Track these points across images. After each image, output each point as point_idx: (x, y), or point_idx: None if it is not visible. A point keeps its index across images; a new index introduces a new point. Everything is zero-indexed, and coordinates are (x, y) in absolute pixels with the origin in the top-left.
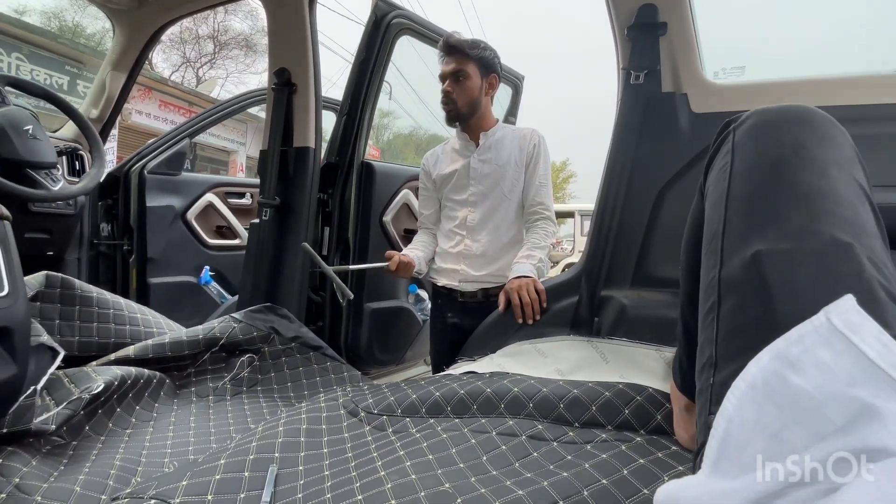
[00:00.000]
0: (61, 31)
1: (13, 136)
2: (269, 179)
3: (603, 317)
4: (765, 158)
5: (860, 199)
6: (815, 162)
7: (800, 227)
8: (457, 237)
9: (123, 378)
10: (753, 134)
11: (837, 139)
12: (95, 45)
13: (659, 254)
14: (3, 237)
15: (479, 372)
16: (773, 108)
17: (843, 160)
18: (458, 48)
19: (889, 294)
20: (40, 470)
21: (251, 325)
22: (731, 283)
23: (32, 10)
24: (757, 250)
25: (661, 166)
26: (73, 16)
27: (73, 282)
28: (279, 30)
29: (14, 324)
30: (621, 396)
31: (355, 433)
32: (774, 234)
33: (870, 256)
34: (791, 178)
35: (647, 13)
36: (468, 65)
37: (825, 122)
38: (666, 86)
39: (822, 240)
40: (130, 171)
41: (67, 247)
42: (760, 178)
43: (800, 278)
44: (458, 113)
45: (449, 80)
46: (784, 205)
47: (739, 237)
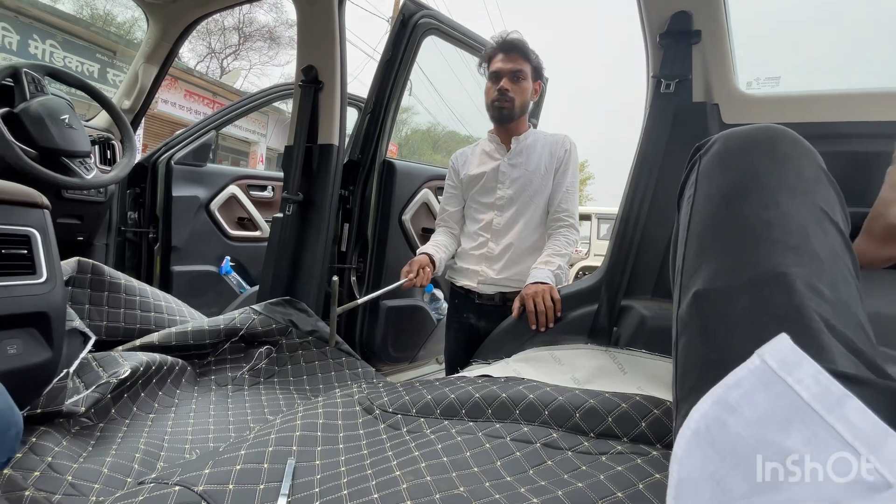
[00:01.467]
0: (93, 19)
1: (50, 125)
2: (294, 175)
3: (622, 327)
4: (719, 191)
5: (817, 223)
6: (765, 191)
7: (738, 261)
8: (480, 239)
9: (148, 364)
10: (715, 162)
11: (798, 162)
12: (125, 34)
13: None
14: (43, 226)
15: (493, 376)
16: (736, 133)
17: (801, 184)
18: (519, 47)
19: (824, 320)
20: (70, 450)
21: (270, 318)
22: (682, 322)
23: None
24: (697, 290)
25: None
26: (104, 4)
27: (102, 268)
28: (308, 28)
29: (51, 309)
30: (638, 409)
31: (370, 430)
32: (715, 270)
33: (809, 282)
34: (738, 211)
35: (681, 21)
36: (526, 66)
37: (787, 144)
38: (697, 95)
39: (756, 271)
40: (158, 161)
41: (97, 233)
42: (713, 213)
43: (732, 315)
44: (512, 111)
45: (507, 77)
46: (728, 239)
47: (689, 274)
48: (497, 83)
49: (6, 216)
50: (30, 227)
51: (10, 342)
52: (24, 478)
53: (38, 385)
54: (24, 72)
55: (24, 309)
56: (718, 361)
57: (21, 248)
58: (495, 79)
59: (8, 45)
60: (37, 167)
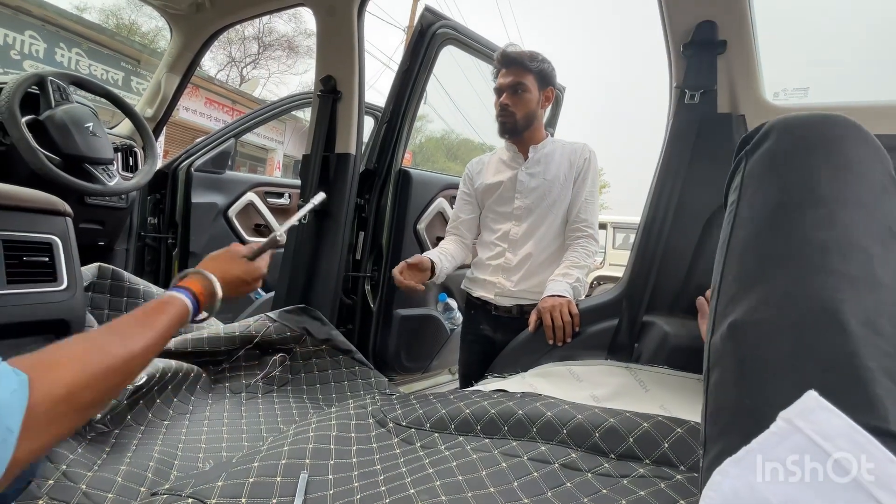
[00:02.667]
0: (118, 28)
1: (75, 133)
2: (311, 184)
3: (643, 343)
4: (767, 203)
5: (881, 242)
6: (823, 205)
7: (785, 291)
8: (497, 249)
9: (164, 371)
10: (764, 165)
11: (862, 164)
12: (149, 44)
13: (707, 280)
14: (64, 233)
15: (509, 391)
16: (791, 126)
17: (864, 194)
18: (517, 60)
19: (882, 366)
20: (85, 458)
21: (285, 325)
22: (715, 353)
23: (92, 8)
24: (734, 320)
25: (713, 190)
26: (129, 14)
27: (122, 274)
28: (328, 38)
29: (71, 316)
30: (661, 429)
31: (383, 444)
32: (756, 300)
33: (868, 319)
34: (789, 230)
35: (706, 30)
36: (527, 77)
37: (849, 144)
38: (722, 106)
39: (805, 307)
40: (178, 168)
41: (118, 238)
42: (758, 229)
43: (773, 357)
44: (514, 125)
45: (507, 92)
46: (774, 264)
47: (728, 300)
48: (499, 98)
49: (29, 224)
50: (52, 235)
51: (31, 349)
52: (39, 486)
53: None
54: (50, 80)
55: (45, 316)
56: (752, 410)
57: (43, 255)
58: (498, 94)
59: (35, 53)
60: (60, 174)
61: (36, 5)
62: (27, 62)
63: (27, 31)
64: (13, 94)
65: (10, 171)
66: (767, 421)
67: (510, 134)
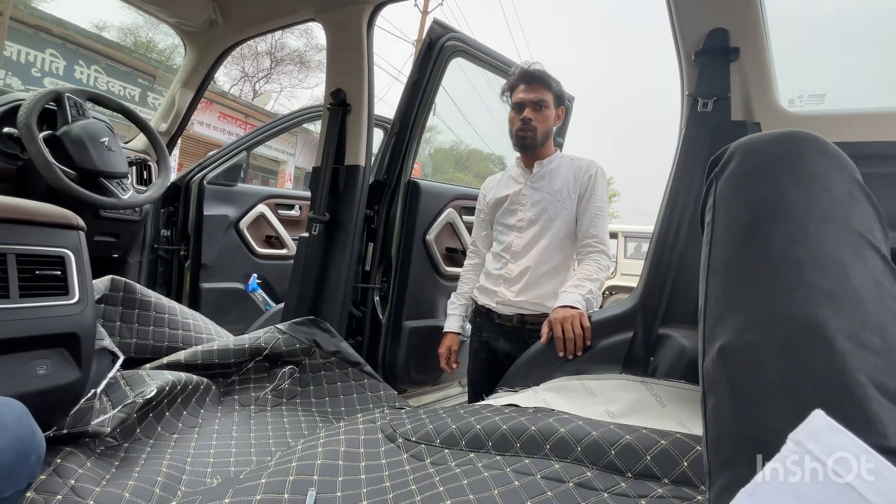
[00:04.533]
0: (136, 46)
1: (91, 148)
2: (321, 196)
3: (659, 357)
4: (739, 221)
5: (855, 252)
6: (793, 219)
7: (767, 310)
8: (502, 260)
9: (174, 383)
10: (732, 185)
11: (828, 178)
12: (165, 60)
13: None
14: (77, 247)
15: (521, 405)
16: (754, 146)
17: (832, 206)
18: (541, 78)
19: (873, 380)
20: (94, 472)
21: (294, 337)
22: (709, 379)
23: (111, 27)
24: (723, 344)
25: None
26: (146, 32)
27: (134, 286)
28: (337, 52)
29: (81, 330)
30: (679, 446)
31: (393, 460)
32: (742, 322)
33: (852, 333)
34: (764, 246)
35: (718, 38)
36: (548, 95)
37: (814, 158)
38: (736, 114)
39: (789, 326)
40: (191, 181)
41: (131, 250)
42: (734, 248)
43: (764, 380)
44: (534, 140)
45: (530, 107)
46: (754, 281)
47: (714, 323)
48: (521, 113)
49: (42, 237)
50: (64, 249)
51: (40, 362)
52: (47, 501)
53: (65, 405)
54: (67, 96)
55: (56, 329)
56: (753, 438)
57: (55, 268)
58: (519, 109)
59: (55, 71)
60: (76, 188)
61: (56, 24)
62: (47, 79)
63: (48, 50)
64: (31, 111)
65: (28, 185)
66: (771, 447)
67: (529, 149)
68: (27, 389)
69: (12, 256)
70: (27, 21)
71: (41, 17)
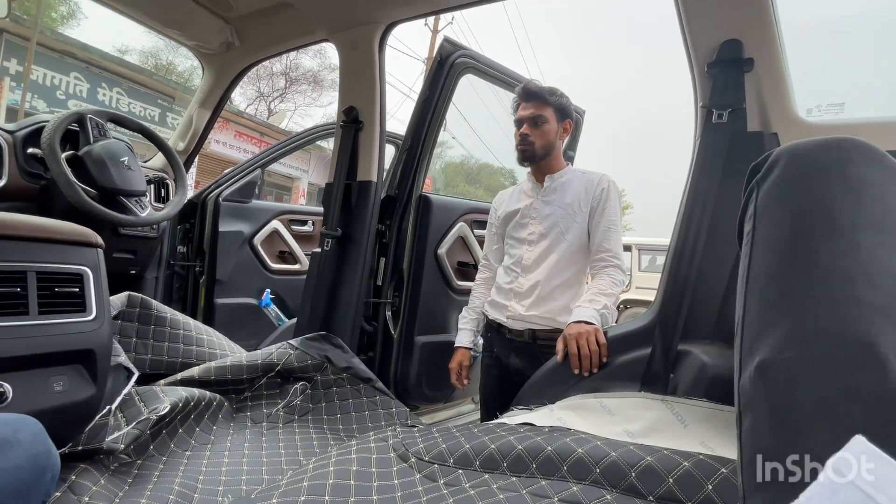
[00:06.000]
0: (156, 69)
1: (111, 167)
2: (333, 211)
3: (679, 374)
4: (783, 232)
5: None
6: (842, 230)
7: (813, 326)
8: (512, 274)
9: (187, 399)
10: (775, 193)
11: (877, 186)
12: (184, 82)
13: None
14: (95, 264)
15: (536, 424)
16: (799, 152)
17: (886, 216)
18: (537, 94)
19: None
20: (107, 489)
21: (306, 353)
22: (745, 397)
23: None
24: (762, 359)
25: None
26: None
27: (150, 302)
28: (350, 71)
29: (97, 346)
30: (703, 468)
31: (405, 480)
32: (783, 337)
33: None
34: (811, 258)
35: (731, 49)
36: (546, 110)
37: (864, 165)
38: (752, 125)
39: (835, 341)
40: (207, 198)
41: (148, 266)
42: (777, 260)
43: (808, 399)
44: (533, 154)
45: (527, 123)
46: (798, 295)
47: (752, 337)
48: (519, 129)
49: (62, 255)
50: (83, 266)
51: (57, 379)
52: None
53: (81, 421)
54: (89, 117)
55: (73, 346)
56: (791, 460)
57: (74, 286)
58: (518, 125)
59: (79, 93)
60: (96, 206)
61: (80, 48)
62: (71, 101)
63: (72, 73)
64: (54, 132)
65: (51, 203)
66: (810, 470)
67: (529, 161)
68: (45, 406)
69: (32, 273)
70: (53, 46)
71: (66, 42)
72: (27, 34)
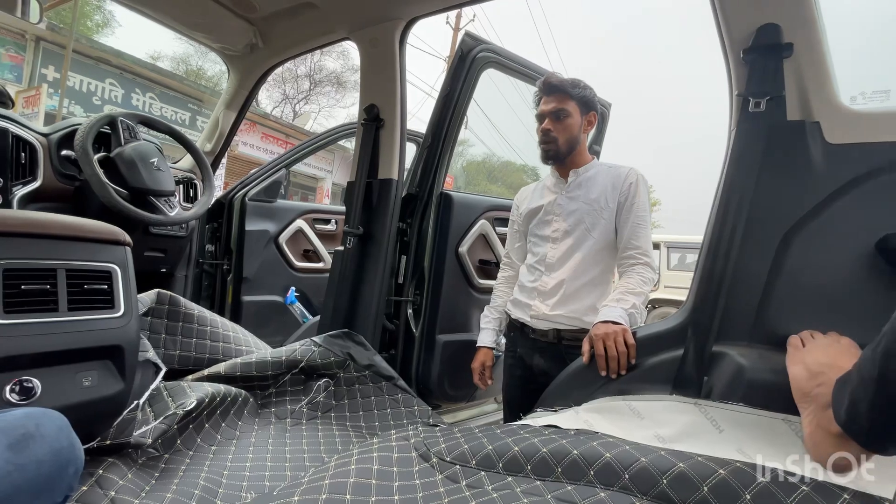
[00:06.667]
0: (187, 74)
1: (141, 168)
2: (355, 209)
3: (714, 377)
4: None
5: None
6: None
7: None
8: (536, 272)
9: (213, 395)
10: None
11: None
12: (213, 87)
13: (787, 306)
14: (124, 262)
15: (562, 427)
16: None
17: None
18: (559, 87)
19: None
20: (134, 483)
21: (329, 350)
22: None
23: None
24: None
25: (788, 204)
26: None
27: (179, 299)
28: (371, 69)
29: (125, 342)
30: (740, 477)
31: (427, 481)
32: None
33: None
34: None
35: (769, 33)
36: (569, 103)
37: None
38: (792, 113)
39: None
40: (234, 198)
41: (178, 265)
42: None
43: None
44: (557, 151)
45: (549, 118)
46: None
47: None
48: (541, 124)
49: (91, 253)
50: (111, 264)
51: (86, 374)
52: None
53: (109, 416)
54: (120, 120)
55: (102, 342)
56: None
57: (103, 283)
58: (540, 120)
59: (114, 98)
60: (127, 206)
61: (115, 55)
62: (107, 107)
63: (107, 80)
64: (87, 135)
65: (85, 203)
66: None
67: (553, 160)
68: (73, 401)
69: (62, 271)
70: (89, 53)
71: (101, 49)
72: (64, 42)
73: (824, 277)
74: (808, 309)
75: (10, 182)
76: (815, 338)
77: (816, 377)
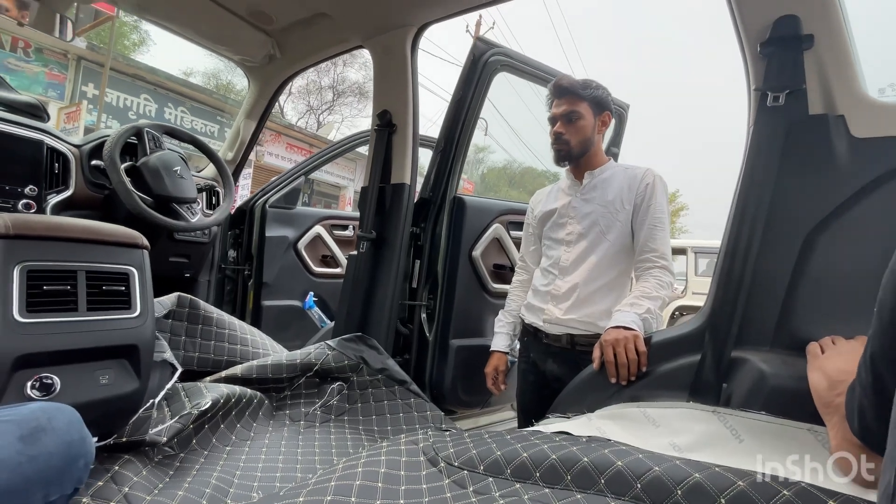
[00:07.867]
0: (217, 88)
1: (165, 176)
2: (368, 214)
3: (733, 383)
4: None
5: None
6: None
7: None
8: (550, 276)
9: (229, 396)
10: None
11: None
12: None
13: (810, 309)
14: (141, 264)
15: (573, 434)
16: None
17: None
18: (569, 90)
19: None
20: (148, 481)
21: (343, 354)
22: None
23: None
24: None
25: (811, 203)
26: (225, 76)
27: (198, 303)
28: (383, 75)
29: (141, 342)
30: (761, 490)
31: (434, 486)
32: None
33: None
34: None
35: (787, 25)
36: (580, 105)
37: None
38: (814, 107)
39: None
40: (255, 205)
41: (201, 270)
42: None
43: None
44: (569, 153)
45: (560, 121)
46: None
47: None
48: (553, 127)
49: (111, 256)
50: (129, 266)
51: (103, 372)
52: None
53: (125, 414)
54: (146, 131)
55: (119, 341)
56: None
57: (120, 284)
58: (552, 123)
59: (148, 113)
60: (151, 212)
61: (149, 72)
62: (142, 121)
63: (142, 95)
64: (114, 145)
65: (113, 211)
66: None
67: (566, 161)
68: (91, 398)
69: (82, 273)
70: (125, 70)
71: (136, 67)
72: (102, 61)
73: (851, 280)
74: (834, 313)
75: (45, 191)
76: (837, 344)
77: (837, 386)
